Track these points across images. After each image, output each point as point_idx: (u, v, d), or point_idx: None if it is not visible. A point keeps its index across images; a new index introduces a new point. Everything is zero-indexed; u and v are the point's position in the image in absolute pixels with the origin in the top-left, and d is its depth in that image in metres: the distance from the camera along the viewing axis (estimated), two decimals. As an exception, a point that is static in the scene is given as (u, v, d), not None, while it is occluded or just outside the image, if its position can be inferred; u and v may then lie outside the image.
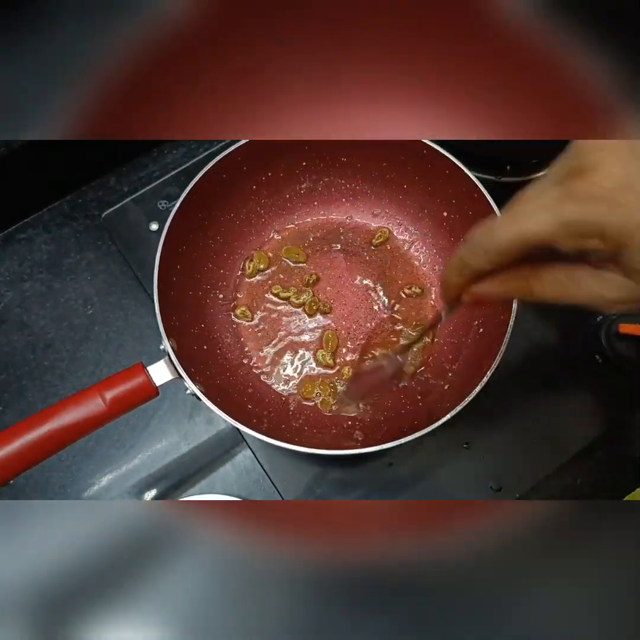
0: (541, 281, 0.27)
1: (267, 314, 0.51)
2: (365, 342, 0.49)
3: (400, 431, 0.40)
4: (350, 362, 0.49)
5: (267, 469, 0.49)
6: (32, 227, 0.57)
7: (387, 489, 0.49)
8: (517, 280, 0.28)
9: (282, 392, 0.49)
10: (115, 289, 0.55)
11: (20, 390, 0.52)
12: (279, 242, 0.53)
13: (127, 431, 0.50)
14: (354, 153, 0.50)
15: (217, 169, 0.46)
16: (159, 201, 0.56)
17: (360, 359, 0.48)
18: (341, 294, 0.52)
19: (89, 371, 0.52)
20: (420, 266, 0.53)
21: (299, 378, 0.49)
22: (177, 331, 0.43)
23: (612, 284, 0.25)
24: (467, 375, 0.44)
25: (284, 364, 0.50)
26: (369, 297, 0.52)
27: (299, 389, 0.49)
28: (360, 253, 0.53)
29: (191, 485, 0.49)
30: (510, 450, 0.50)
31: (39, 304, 0.54)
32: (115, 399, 0.37)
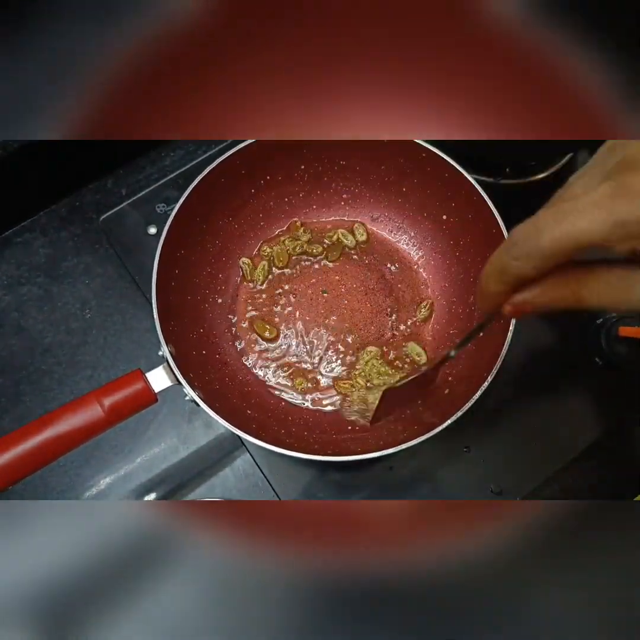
0: (591, 287, 0.24)
1: (268, 317, 0.51)
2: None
3: (400, 436, 0.40)
4: (350, 363, 0.49)
5: (267, 473, 0.48)
6: (30, 231, 0.57)
7: (388, 493, 0.49)
8: (562, 287, 0.25)
9: (281, 397, 0.49)
10: (113, 292, 0.55)
11: (17, 395, 0.52)
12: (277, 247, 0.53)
13: (125, 435, 0.50)
14: (353, 156, 0.50)
15: (215, 173, 0.45)
16: (157, 204, 0.56)
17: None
18: (339, 298, 0.51)
19: (87, 375, 0.52)
20: (419, 269, 0.52)
21: (299, 382, 0.49)
22: (176, 336, 0.43)
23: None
24: (467, 379, 0.44)
25: (284, 369, 0.49)
26: (368, 301, 0.51)
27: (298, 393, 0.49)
28: (360, 256, 0.53)
29: (190, 490, 0.49)
30: (510, 454, 0.49)
31: (36, 307, 0.54)
32: (114, 406, 0.37)
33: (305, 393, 0.49)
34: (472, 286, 0.49)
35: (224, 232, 0.50)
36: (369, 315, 0.51)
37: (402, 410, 0.45)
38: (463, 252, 0.50)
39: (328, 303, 0.51)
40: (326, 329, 0.50)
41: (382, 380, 0.48)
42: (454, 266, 0.51)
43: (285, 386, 0.49)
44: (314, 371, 0.49)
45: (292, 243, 0.52)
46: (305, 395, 0.49)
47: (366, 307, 0.51)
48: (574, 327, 0.49)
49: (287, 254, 0.52)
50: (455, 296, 0.50)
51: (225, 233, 0.50)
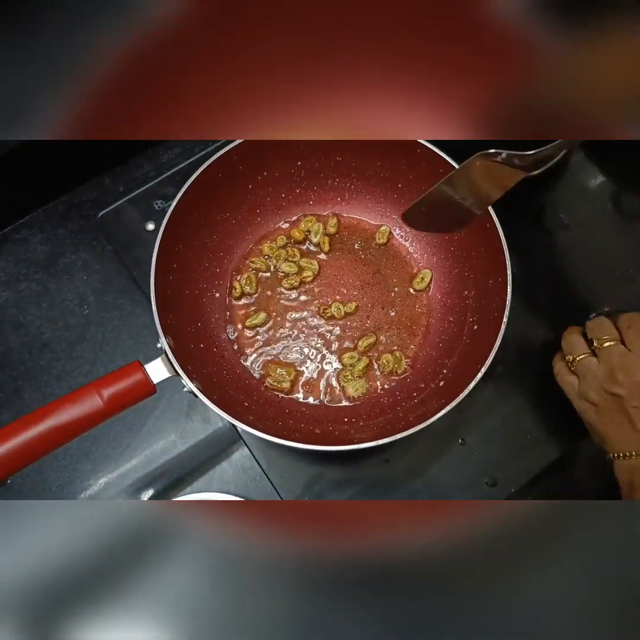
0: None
1: (266, 312, 0.51)
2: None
3: (396, 427, 0.41)
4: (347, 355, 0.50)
5: (265, 466, 0.49)
6: (28, 228, 0.57)
7: (384, 485, 0.49)
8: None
9: (277, 390, 0.49)
10: (111, 288, 0.55)
11: (16, 391, 0.52)
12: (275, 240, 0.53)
13: (123, 430, 0.50)
14: (349, 152, 0.51)
15: (213, 169, 0.46)
16: (155, 201, 0.57)
17: None
18: (337, 293, 0.52)
19: (85, 371, 0.52)
20: (415, 265, 0.53)
21: (295, 375, 0.49)
22: (174, 330, 0.43)
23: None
24: (461, 371, 0.44)
25: (280, 362, 0.50)
26: (364, 295, 0.52)
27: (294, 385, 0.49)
28: (355, 251, 0.53)
29: (188, 484, 0.49)
30: (505, 446, 0.50)
31: (34, 304, 0.55)
32: (113, 397, 0.37)
33: (301, 386, 0.49)
34: (466, 280, 0.49)
35: (221, 227, 0.51)
36: (365, 308, 0.52)
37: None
38: (457, 247, 0.50)
39: (324, 296, 0.52)
40: (323, 320, 0.51)
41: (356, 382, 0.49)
42: (448, 260, 0.51)
43: (281, 378, 0.49)
44: (311, 363, 0.50)
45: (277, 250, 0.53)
46: (301, 388, 0.49)
47: (362, 300, 0.52)
48: (567, 321, 0.49)
49: (283, 257, 0.53)
50: (449, 289, 0.51)
51: (223, 228, 0.51)
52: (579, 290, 0.56)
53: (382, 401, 0.48)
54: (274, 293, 0.52)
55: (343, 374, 0.49)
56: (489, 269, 0.46)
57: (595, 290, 0.55)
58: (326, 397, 0.49)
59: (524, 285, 0.52)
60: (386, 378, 0.49)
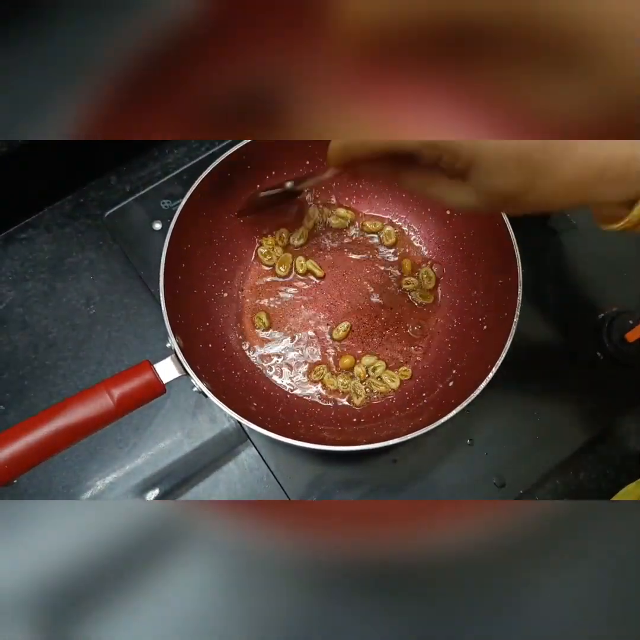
0: (407, 174, 0.33)
1: (273, 310, 0.51)
2: None
3: (405, 428, 0.41)
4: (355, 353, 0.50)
5: (272, 466, 0.49)
6: (34, 227, 0.57)
7: (392, 485, 0.49)
8: (390, 167, 0.34)
9: (287, 389, 0.49)
10: (118, 288, 0.55)
11: (22, 390, 0.52)
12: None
13: (130, 430, 0.50)
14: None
15: (221, 168, 0.46)
16: (162, 200, 0.56)
17: None
18: (344, 292, 0.52)
19: (91, 370, 0.52)
20: (423, 264, 0.53)
21: (304, 375, 0.49)
22: (183, 329, 0.43)
23: (460, 192, 0.31)
24: (471, 372, 0.44)
25: (289, 362, 0.50)
26: (373, 295, 0.52)
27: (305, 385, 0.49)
28: (364, 251, 0.53)
29: (195, 484, 0.49)
30: (513, 447, 0.50)
31: (41, 303, 0.54)
32: (123, 397, 0.37)
33: (310, 386, 0.49)
34: (476, 280, 0.49)
35: (229, 227, 0.51)
36: (374, 308, 0.51)
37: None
38: (467, 246, 0.50)
39: (332, 297, 0.52)
40: (332, 321, 0.51)
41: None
42: (457, 261, 0.51)
43: (290, 379, 0.49)
44: (320, 364, 0.50)
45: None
46: (310, 388, 0.49)
47: (371, 300, 0.52)
48: (575, 323, 0.49)
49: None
50: (458, 289, 0.51)
51: (231, 228, 0.51)
52: (587, 291, 0.56)
53: (391, 402, 0.48)
54: (281, 292, 0.52)
55: (351, 375, 0.49)
56: (498, 269, 0.45)
57: (603, 291, 0.55)
58: (336, 397, 0.49)
59: (532, 285, 0.52)
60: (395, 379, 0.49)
